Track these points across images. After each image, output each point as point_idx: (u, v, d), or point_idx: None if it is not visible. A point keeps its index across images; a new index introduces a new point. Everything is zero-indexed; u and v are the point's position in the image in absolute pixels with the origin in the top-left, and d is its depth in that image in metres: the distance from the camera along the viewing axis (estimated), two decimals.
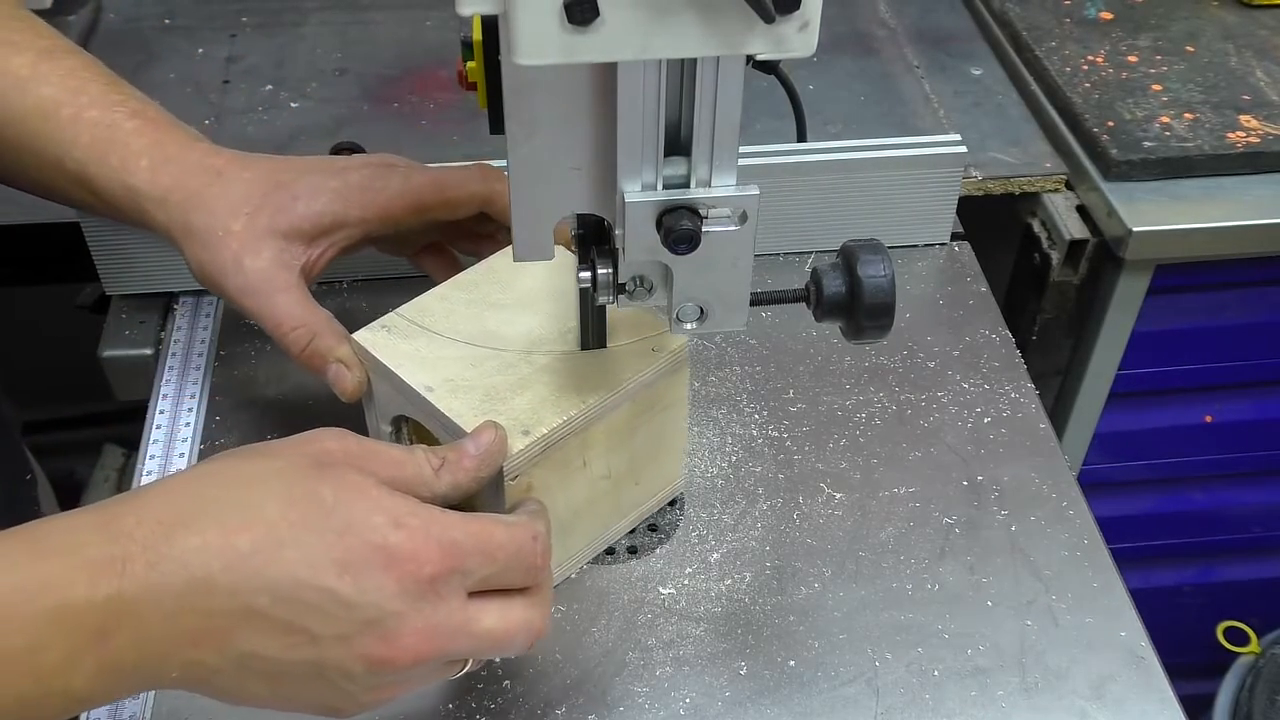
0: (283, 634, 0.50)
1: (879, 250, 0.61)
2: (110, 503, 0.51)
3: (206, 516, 0.50)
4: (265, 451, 0.54)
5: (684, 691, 0.67)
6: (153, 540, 0.48)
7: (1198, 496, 1.23)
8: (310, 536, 0.50)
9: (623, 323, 0.68)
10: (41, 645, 0.46)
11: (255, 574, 0.49)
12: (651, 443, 0.71)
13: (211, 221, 0.71)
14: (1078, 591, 0.72)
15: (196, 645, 0.49)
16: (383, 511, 0.52)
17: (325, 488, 0.51)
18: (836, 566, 0.74)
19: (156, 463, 0.79)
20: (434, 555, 0.52)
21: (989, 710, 0.67)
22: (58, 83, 0.73)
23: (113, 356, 0.88)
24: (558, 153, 0.56)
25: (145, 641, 0.48)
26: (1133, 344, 1.06)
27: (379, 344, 0.67)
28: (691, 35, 0.48)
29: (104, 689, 0.49)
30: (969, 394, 0.85)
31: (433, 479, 0.57)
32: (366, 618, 0.50)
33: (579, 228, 0.61)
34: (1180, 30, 1.16)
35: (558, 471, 0.65)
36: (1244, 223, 0.99)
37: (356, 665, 0.51)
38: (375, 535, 0.51)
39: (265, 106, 1.09)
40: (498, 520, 0.55)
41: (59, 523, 0.49)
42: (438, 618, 0.52)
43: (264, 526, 0.50)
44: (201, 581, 0.48)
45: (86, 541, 0.48)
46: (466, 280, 0.72)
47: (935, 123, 1.09)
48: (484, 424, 0.61)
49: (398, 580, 0.51)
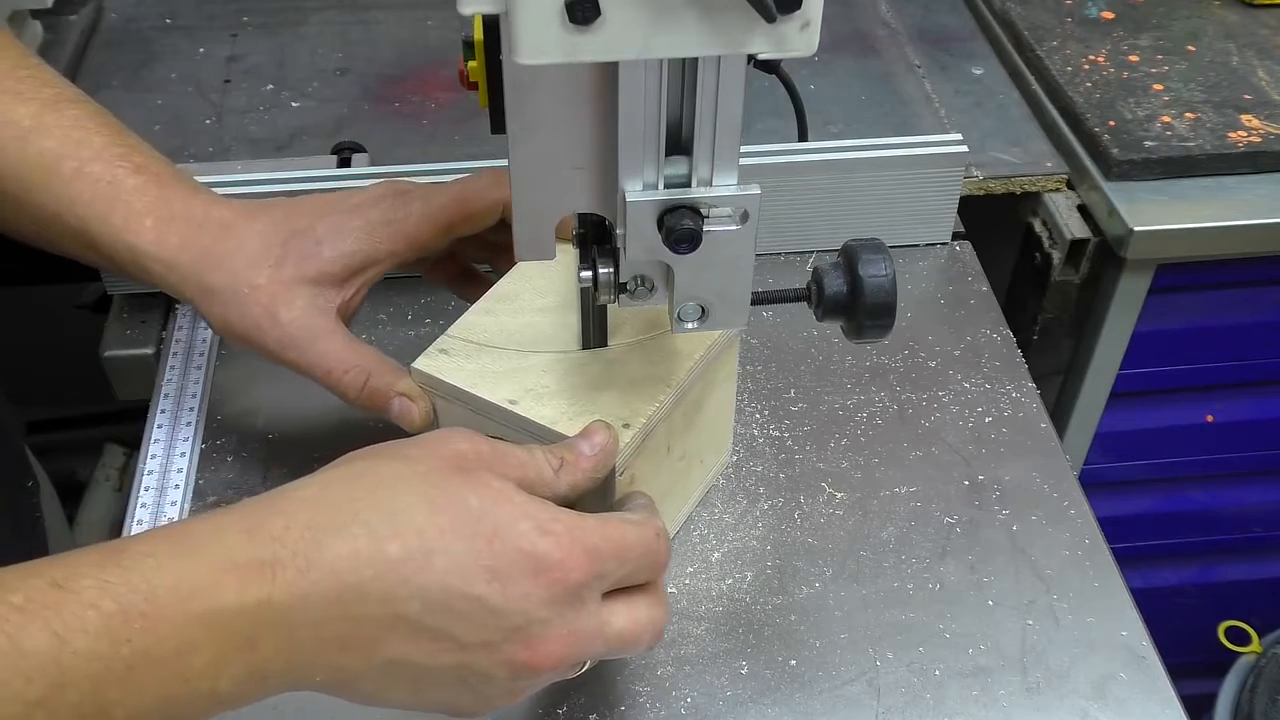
0: (430, 640, 0.50)
1: (880, 249, 0.61)
2: (251, 506, 0.50)
3: (355, 523, 0.49)
4: (401, 454, 0.54)
5: (685, 691, 0.67)
6: (302, 546, 0.48)
7: (1199, 496, 1.23)
8: (459, 543, 0.50)
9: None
10: (191, 648, 0.46)
11: (405, 581, 0.49)
12: (711, 420, 0.72)
13: (233, 279, 0.69)
14: (1079, 591, 0.72)
15: (344, 651, 0.49)
16: (528, 518, 0.52)
17: (470, 494, 0.51)
18: (837, 566, 0.74)
19: (158, 462, 0.79)
20: (580, 561, 0.52)
21: (990, 710, 0.67)
22: (60, 135, 0.71)
23: (114, 356, 0.88)
24: (559, 152, 0.56)
25: (293, 647, 0.48)
26: (1134, 344, 1.06)
27: (445, 368, 0.66)
28: (692, 35, 0.48)
29: (248, 692, 0.49)
30: (970, 393, 0.85)
31: (553, 480, 0.57)
32: (513, 625, 0.51)
33: (580, 227, 0.61)
34: (1181, 30, 1.16)
35: (650, 460, 0.66)
36: (1245, 222, 0.99)
37: (499, 670, 0.52)
38: (523, 541, 0.51)
39: (266, 106, 1.10)
40: (626, 520, 0.55)
41: (203, 525, 0.49)
42: (579, 623, 0.53)
43: (414, 533, 0.50)
44: (352, 589, 0.48)
45: (234, 545, 0.47)
46: (504, 292, 0.71)
47: (936, 122, 1.09)
48: (594, 424, 0.61)
49: (546, 587, 0.51)
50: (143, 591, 0.45)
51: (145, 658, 0.45)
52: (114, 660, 0.44)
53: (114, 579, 0.45)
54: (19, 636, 0.43)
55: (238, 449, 0.80)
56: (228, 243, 0.70)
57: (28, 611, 0.44)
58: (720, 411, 0.74)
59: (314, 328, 0.69)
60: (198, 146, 1.05)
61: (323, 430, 0.81)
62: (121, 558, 0.46)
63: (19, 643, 0.43)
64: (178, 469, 0.79)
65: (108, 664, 0.44)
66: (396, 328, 0.89)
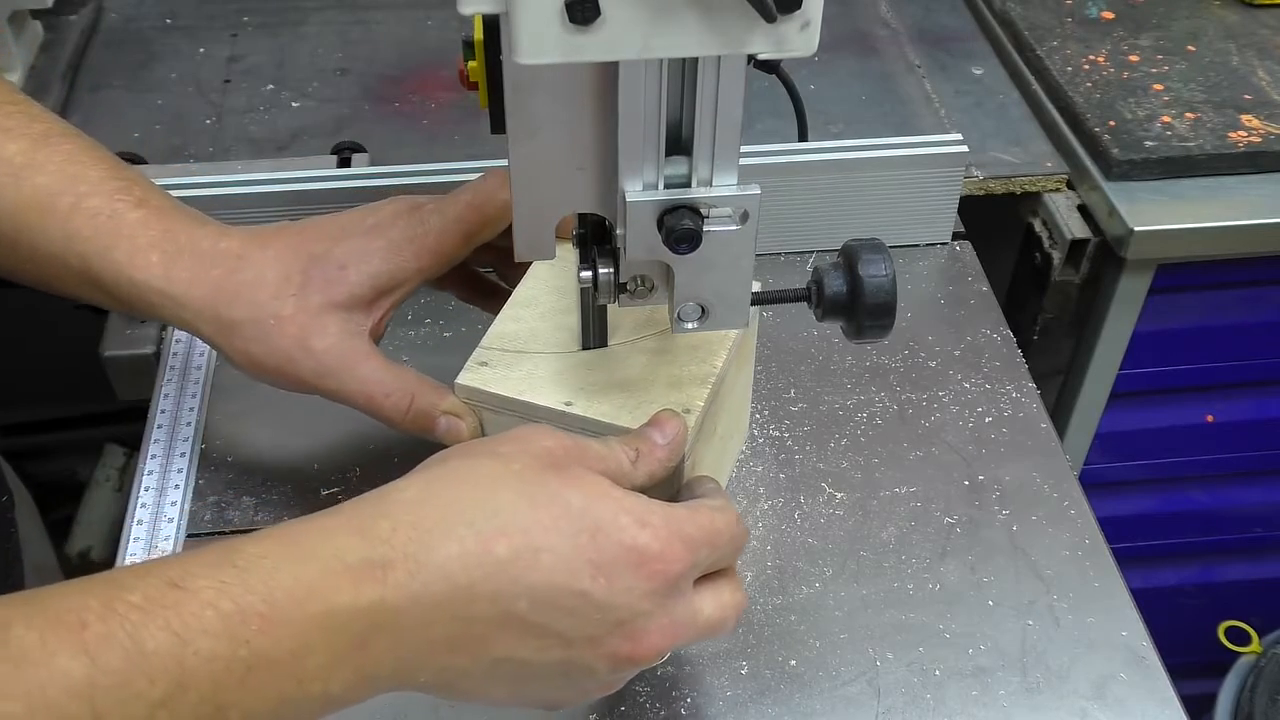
0: (538, 637, 0.51)
1: (880, 249, 0.61)
2: (354, 508, 0.50)
3: (461, 523, 0.50)
4: (492, 453, 0.54)
5: (685, 691, 0.67)
6: (412, 548, 0.48)
7: (1199, 496, 1.23)
8: (564, 540, 0.51)
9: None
10: (307, 650, 0.46)
11: (514, 580, 0.49)
12: (738, 398, 0.74)
13: (255, 311, 0.67)
14: (1079, 591, 0.72)
15: (453, 651, 0.50)
16: (627, 512, 0.52)
17: (570, 490, 0.52)
18: (837, 566, 0.74)
19: (158, 462, 0.79)
20: (679, 553, 0.53)
21: (990, 710, 0.67)
22: (55, 170, 0.68)
23: (114, 356, 0.88)
24: (559, 152, 0.56)
25: (402, 647, 0.49)
26: (1134, 344, 1.06)
27: (490, 380, 0.65)
28: (692, 35, 0.48)
29: (357, 693, 0.49)
30: (970, 393, 0.85)
31: (631, 471, 0.57)
32: (618, 618, 0.52)
33: (580, 227, 0.61)
34: (1181, 30, 1.16)
35: (705, 442, 0.66)
36: (1245, 222, 0.99)
37: (602, 663, 0.53)
38: (624, 535, 0.52)
39: (266, 106, 1.09)
40: (712, 507, 0.56)
41: (310, 526, 0.49)
42: (677, 612, 0.54)
43: (519, 532, 0.50)
44: (463, 589, 0.49)
45: (345, 547, 0.48)
46: (524, 298, 0.71)
47: (936, 122, 1.09)
48: (665, 413, 0.61)
49: (648, 579, 0.52)
50: (259, 593, 0.45)
51: (263, 659, 0.45)
52: (233, 661, 0.44)
53: (230, 579, 0.45)
54: (141, 636, 0.43)
55: (238, 449, 0.80)
56: (244, 274, 0.67)
57: (147, 611, 0.44)
58: (744, 392, 0.76)
59: (350, 354, 0.67)
60: (198, 146, 1.05)
61: (323, 431, 0.81)
62: (236, 558, 0.46)
63: (141, 642, 0.43)
64: (178, 469, 0.79)
65: (228, 665, 0.44)
66: (396, 328, 0.88)
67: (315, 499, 0.77)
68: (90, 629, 0.42)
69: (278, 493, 0.77)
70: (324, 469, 0.79)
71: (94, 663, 0.42)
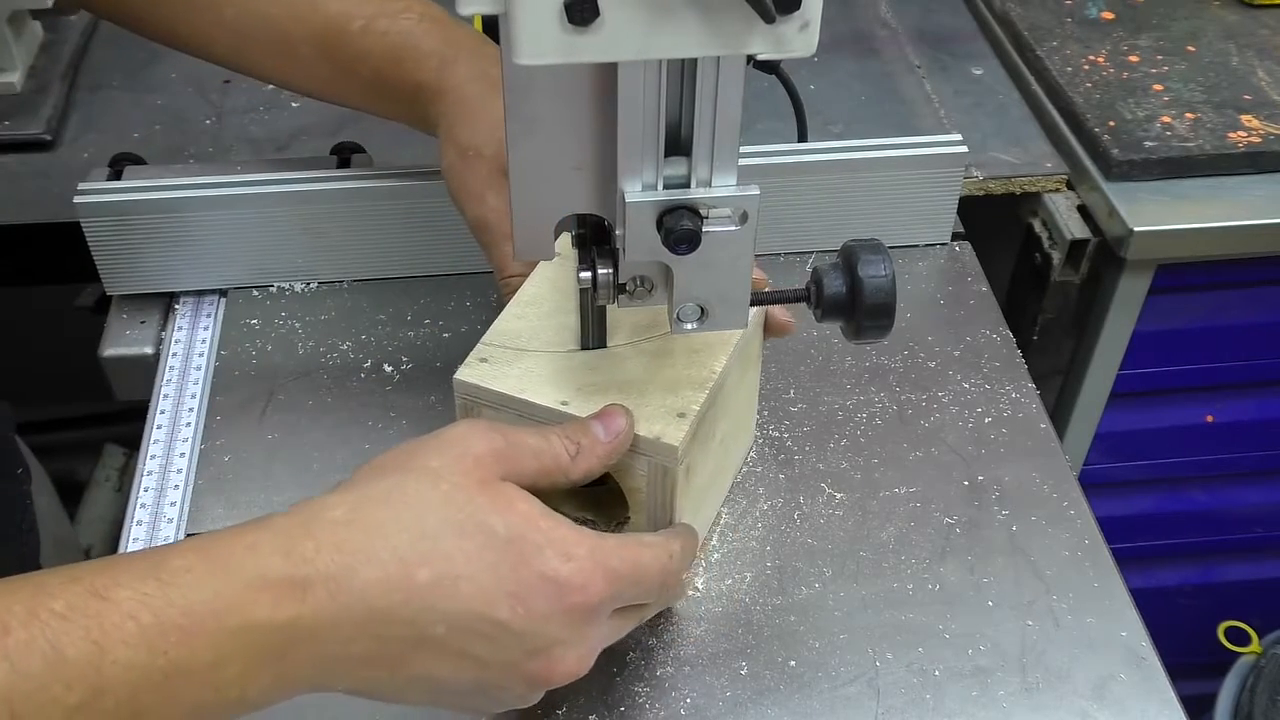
0: (454, 659, 0.52)
1: (880, 250, 0.61)
2: (282, 523, 0.51)
3: (385, 548, 0.50)
4: (423, 468, 0.54)
5: (685, 691, 0.67)
6: (334, 570, 0.49)
7: (1199, 496, 1.23)
8: (485, 570, 0.52)
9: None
10: (223, 661, 0.47)
11: (432, 607, 0.51)
12: (742, 403, 0.74)
13: (473, 137, 0.72)
14: (1079, 591, 0.72)
15: (369, 666, 0.51)
16: (552, 544, 0.54)
17: (495, 519, 0.53)
18: (837, 566, 0.74)
19: (157, 462, 0.79)
20: (599, 586, 0.54)
21: (990, 710, 0.67)
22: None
23: (113, 356, 0.88)
24: (558, 152, 0.56)
25: (320, 660, 0.50)
26: (1134, 344, 1.06)
27: (488, 376, 0.65)
28: (692, 35, 0.48)
29: (274, 698, 0.50)
30: (970, 394, 0.85)
31: (569, 466, 0.58)
32: (534, 646, 0.53)
33: (579, 228, 0.61)
34: (1181, 30, 1.16)
35: (702, 446, 0.66)
36: (1245, 223, 0.99)
37: (517, 684, 0.55)
38: (546, 568, 0.53)
39: (266, 106, 1.09)
40: (641, 543, 0.58)
41: (236, 540, 0.50)
42: (593, 639, 0.56)
43: (442, 560, 0.51)
44: (381, 613, 0.50)
45: (267, 564, 0.49)
46: (529, 296, 0.70)
47: (936, 123, 1.09)
48: (613, 407, 0.61)
49: (566, 610, 0.53)
50: (179, 606, 0.47)
51: (180, 669, 0.46)
52: (151, 670, 0.46)
53: (152, 592, 0.47)
54: (61, 643, 0.44)
55: (237, 449, 0.80)
56: (487, 99, 0.72)
57: (69, 619, 0.45)
58: (749, 395, 0.76)
59: (503, 227, 0.71)
60: (198, 146, 1.05)
61: (322, 431, 0.81)
62: (160, 571, 0.47)
63: (61, 650, 0.44)
64: (177, 469, 0.79)
65: (145, 673, 0.46)
66: (396, 328, 0.89)
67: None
68: (13, 635, 0.44)
69: (278, 493, 0.77)
70: (324, 469, 0.79)
71: (14, 668, 0.44)
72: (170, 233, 0.87)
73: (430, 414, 0.82)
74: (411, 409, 0.83)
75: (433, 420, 0.81)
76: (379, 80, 0.76)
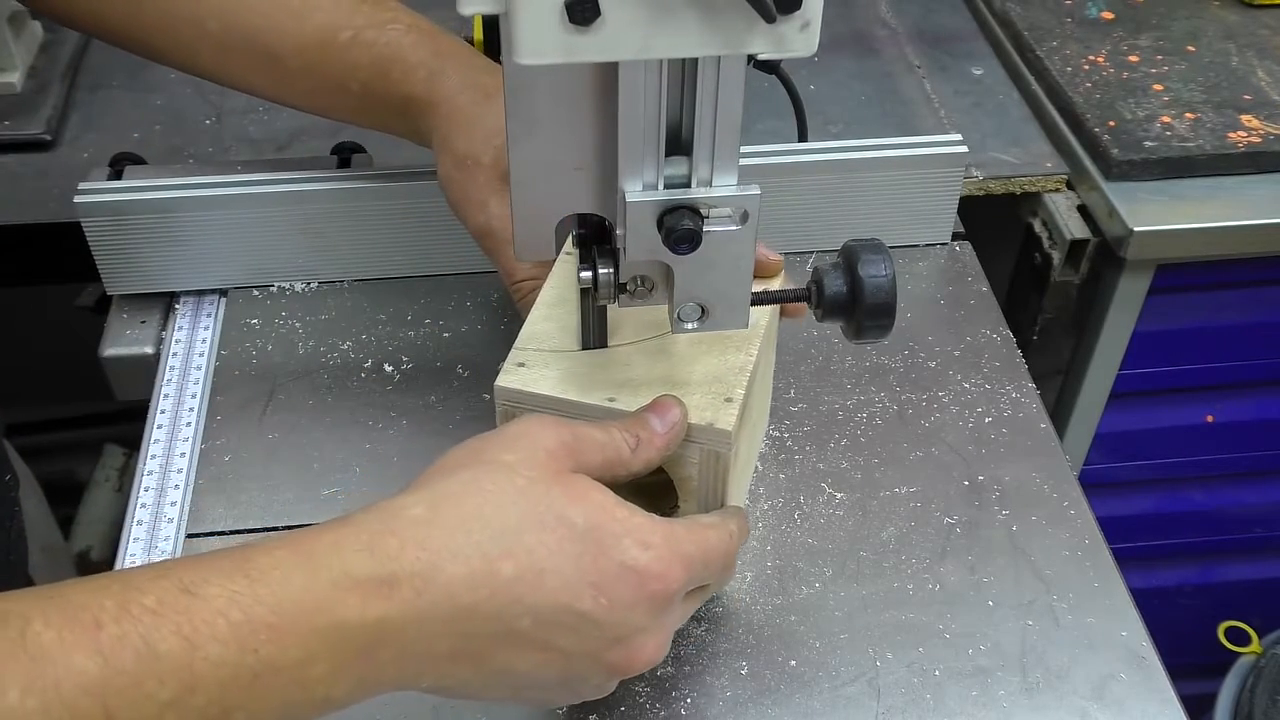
0: (538, 651, 0.53)
1: (880, 250, 0.61)
2: (364, 521, 0.51)
3: (468, 544, 0.51)
4: (497, 461, 0.54)
5: (685, 691, 0.67)
6: (419, 567, 0.49)
7: (1199, 496, 1.23)
8: (567, 562, 0.52)
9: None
10: (312, 659, 0.47)
11: (518, 600, 0.51)
12: (764, 384, 0.74)
13: (469, 146, 0.73)
14: (1079, 591, 0.72)
15: (454, 662, 0.51)
16: (630, 533, 0.54)
17: (574, 511, 0.53)
18: (837, 566, 0.74)
19: (158, 462, 0.79)
20: (677, 573, 0.55)
21: (990, 710, 0.67)
22: (330, 8, 0.76)
23: (113, 356, 0.88)
24: (559, 152, 0.56)
25: (406, 658, 0.50)
26: (1134, 344, 1.06)
27: (530, 380, 0.65)
28: (692, 35, 0.48)
29: (359, 696, 0.50)
30: (970, 394, 0.85)
31: (630, 459, 0.59)
32: (617, 635, 0.54)
33: (580, 228, 0.61)
34: (1181, 30, 1.16)
35: (746, 428, 0.67)
36: (1245, 223, 0.99)
37: (598, 674, 0.55)
38: (627, 557, 0.53)
39: (265, 107, 1.09)
40: (706, 525, 0.59)
41: (321, 538, 0.50)
42: (671, 624, 0.57)
43: (525, 553, 0.51)
44: (466, 609, 0.50)
45: (354, 563, 0.49)
46: (552, 298, 0.70)
47: (936, 123, 1.09)
48: (667, 399, 0.61)
49: (648, 599, 0.54)
50: (269, 604, 0.47)
51: (269, 666, 0.46)
52: (240, 668, 0.46)
53: (241, 589, 0.47)
54: (153, 639, 0.45)
55: (237, 449, 0.80)
56: (480, 108, 0.73)
57: (160, 614, 0.45)
58: (770, 374, 0.76)
59: (508, 233, 0.70)
60: (198, 146, 1.05)
61: (323, 431, 0.81)
62: (248, 567, 0.48)
63: (153, 645, 0.44)
64: (178, 469, 0.79)
65: (235, 671, 0.46)
66: (396, 328, 0.89)
67: (315, 499, 0.77)
68: (105, 630, 0.44)
69: (278, 493, 0.77)
70: (324, 469, 0.79)
71: (108, 663, 0.44)
72: (170, 232, 0.87)
73: (430, 414, 0.82)
74: (412, 409, 0.83)
75: (433, 420, 0.81)
76: (367, 93, 0.76)
